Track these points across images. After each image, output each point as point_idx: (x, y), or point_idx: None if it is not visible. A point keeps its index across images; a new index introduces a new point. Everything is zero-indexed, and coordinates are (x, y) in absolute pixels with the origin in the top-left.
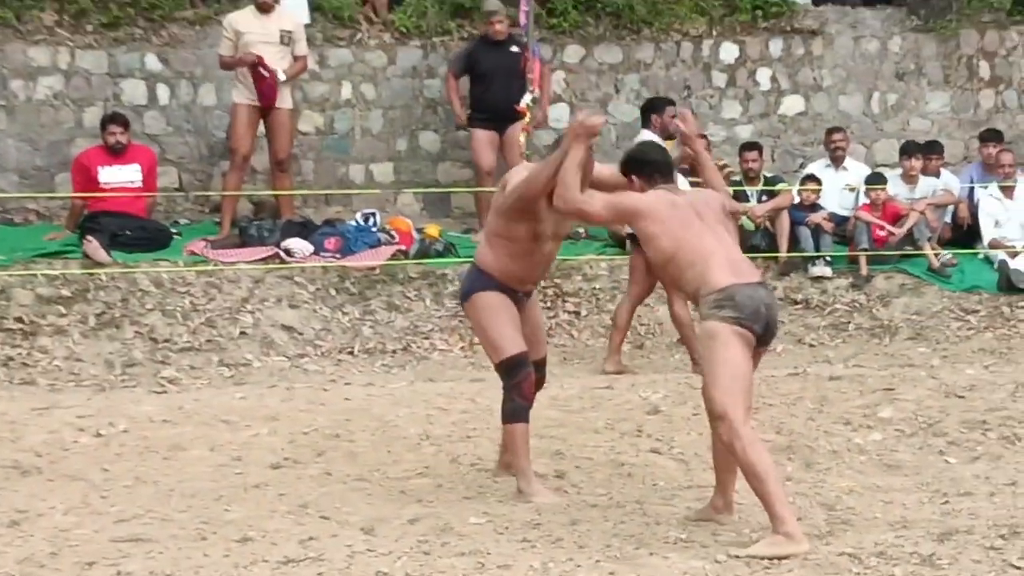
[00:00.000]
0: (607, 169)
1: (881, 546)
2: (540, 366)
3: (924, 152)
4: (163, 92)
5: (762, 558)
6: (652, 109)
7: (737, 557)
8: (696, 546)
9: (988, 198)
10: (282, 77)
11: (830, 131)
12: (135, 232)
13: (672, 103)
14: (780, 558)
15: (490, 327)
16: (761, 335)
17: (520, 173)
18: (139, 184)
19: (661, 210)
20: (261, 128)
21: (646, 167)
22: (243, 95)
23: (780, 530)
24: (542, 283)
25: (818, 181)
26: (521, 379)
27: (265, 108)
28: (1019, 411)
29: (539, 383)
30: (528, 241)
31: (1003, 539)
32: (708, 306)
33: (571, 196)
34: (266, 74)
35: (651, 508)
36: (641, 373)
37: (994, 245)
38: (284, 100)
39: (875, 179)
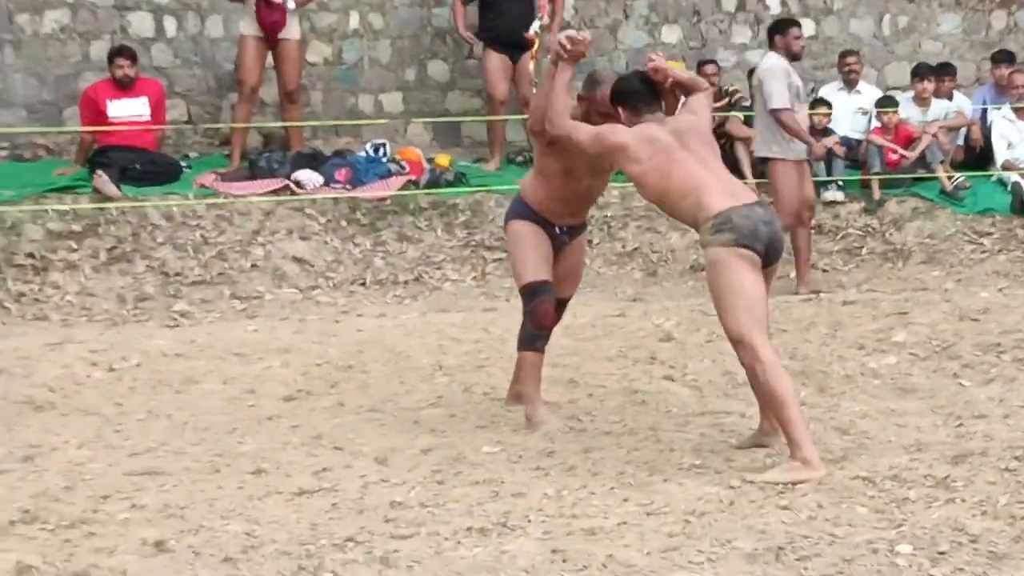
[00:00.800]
0: None
1: (895, 469)
2: (562, 302)
3: (936, 74)
4: (170, 24)
5: (778, 483)
6: (775, 30)
7: (752, 483)
8: (710, 472)
9: (1001, 120)
10: (291, 6)
11: (843, 54)
12: (145, 166)
13: (796, 24)
14: (796, 483)
15: (515, 253)
16: (765, 253)
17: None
18: (148, 117)
19: (642, 149)
20: (270, 60)
21: (631, 98)
22: (250, 27)
23: (797, 456)
24: None
25: (829, 105)
26: (535, 306)
27: (271, 40)
28: None
29: (557, 316)
30: (561, 176)
31: (1017, 460)
32: (707, 233)
33: (559, 121)
34: (277, 0)
35: (665, 435)
36: (654, 300)
37: (1007, 167)
38: (292, 31)
39: (886, 102)
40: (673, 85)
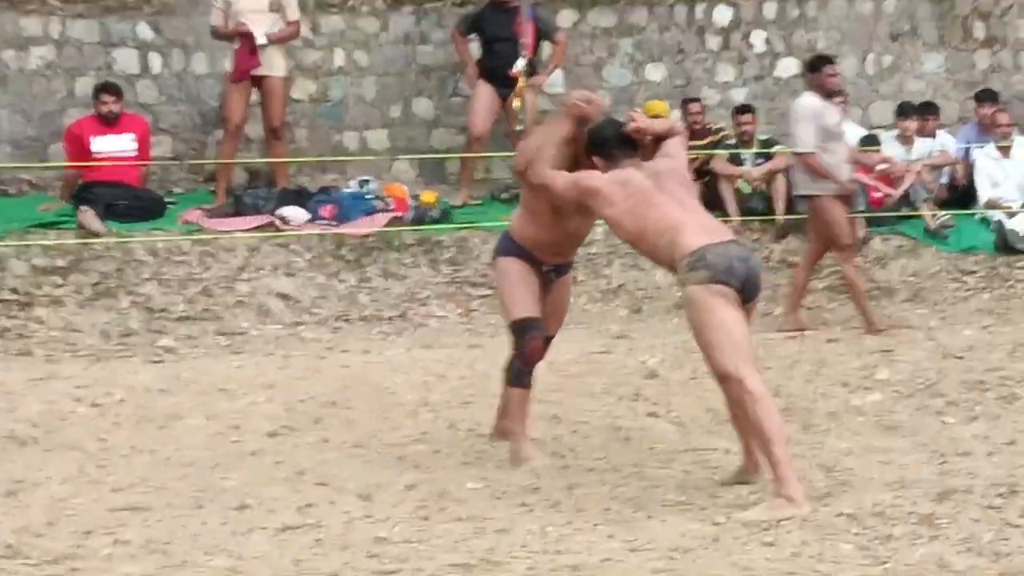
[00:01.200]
0: None
1: (880, 506)
2: (547, 340)
3: (920, 113)
4: (156, 61)
5: (762, 520)
6: (810, 68)
7: (736, 520)
8: (695, 508)
9: (985, 158)
10: (262, 40)
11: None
12: (130, 201)
13: (830, 60)
14: (780, 520)
15: (505, 290)
16: (742, 289)
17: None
18: (133, 153)
19: (616, 192)
20: (256, 96)
21: (604, 145)
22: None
23: (782, 493)
24: None
25: None
26: (526, 342)
27: (239, 78)
28: (1017, 371)
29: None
30: (549, 214)
31: (1001, 498)
32: (683, 271)
33: (540, 169)
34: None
35: (649, 471)
36: (639, 337)
37: (991, 205)
38: (275, 68)
39: (869, 141)
40: (653, 139)
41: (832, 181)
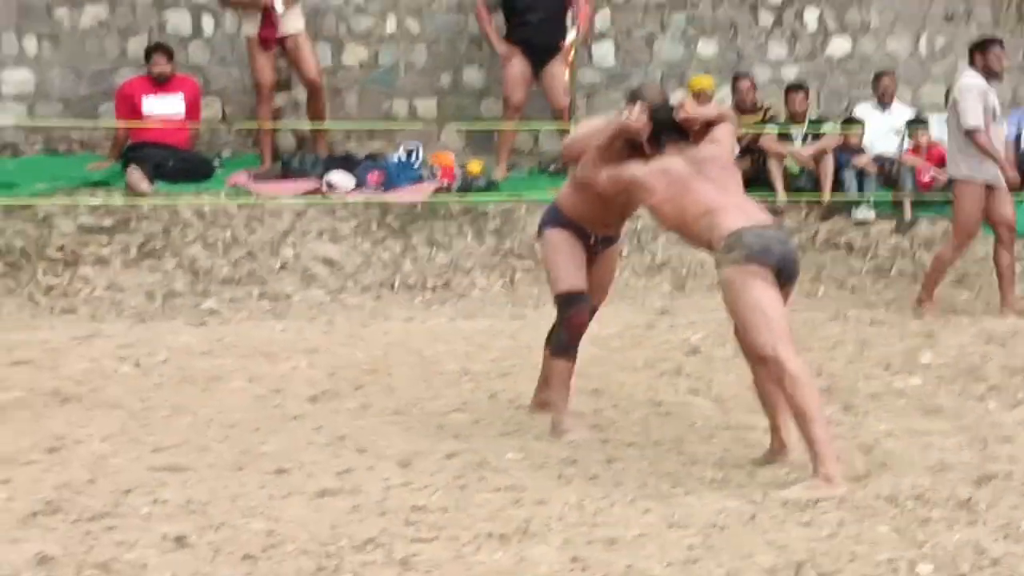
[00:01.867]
0: None
1: (918, 489)
2: (591, 311)
3: None
4: (208, 23)
5: (800, 500)
6: (977, 47)
7: (774, 498)
8: (732, 486)
9: None
10: (280, 9)
11: (878, 75)
12: (177, 163)
13: (999, 42)
14: (817, 500)
15: (551, 262)
16: (779, 271)
17: (583, 124)
18: (182, 115)
19: (657, 181)
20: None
21: (655, 130)
22: (252, 27)
23: (820, 472)
24: None
25: (861, 124)
26: (571, 315)
27: (267, 48)
28: None
29: None
30: (597, 193)
31: None
32: (720, 253)
33: (585, 169)
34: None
35: (688, 448)
36: (681, 313)
37: None
38: (293, 25)
39: (918, 123)
40: (703, 126)
41: (992, 163)
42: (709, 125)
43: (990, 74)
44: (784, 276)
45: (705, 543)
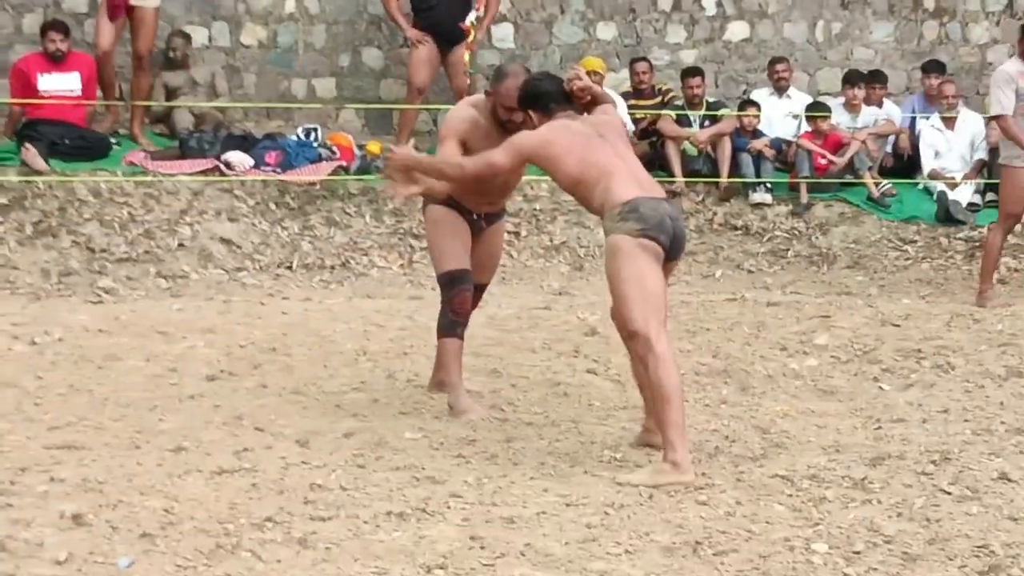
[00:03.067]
0: None
1: (814, 469)
2: (479, 289)
3: (867, 81)
4: None
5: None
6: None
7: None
8: (630, 465)
9: (929, 128)
10: None
11: (773, 61)
12: (74, 141)
13: None
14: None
15: (433, 240)
16: (669, 247)
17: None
18: (78, 92)
19: (557, 137)
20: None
21: (540, 99)
22: None
23: (669, 456)
24: None
25: (758, 107)
26: (454, 294)
27: (114, 16)
28: (953, 340)
29: (473, 303)
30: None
31: (934, 464)
32: (612, 220)
33: (470, 171)
34: None
35: (586, 427)
36: (580, 294)
37: (934, 176)
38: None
39: (817, 107)
40: (591, 100)
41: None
42: (594, 103)
43: None
44: (673, 251)
45: (603, 522)
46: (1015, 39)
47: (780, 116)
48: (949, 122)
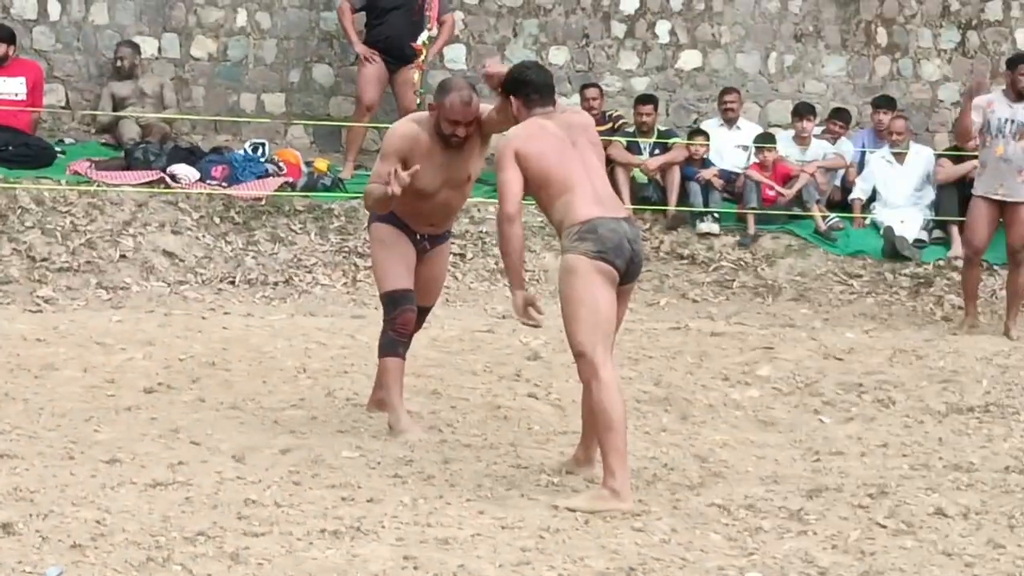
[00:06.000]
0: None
1: (751, 499)
2: (423, 311)
3: (828, 117)
4: (54, 8)
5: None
6: (1008, 65)
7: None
8: (567, 490)
9: (878, 160)
10: None
11: (723, 92)
12: (18, 148)
13: None
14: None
15: (378, 259)
16: (625, 271)
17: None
18: (23, 98)
19: (534, 132)
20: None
21: (523, 87)
22: None
23: (607, 484)
24: None
25: (707, 136)
26: (397, 315)
27: None
28: (895, 375)
29: (417, 325)
30: (412, 193)
31: (871, 498)
32: (570, 238)
33: (513, 210)
34: None
35: (525, 451)
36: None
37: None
38: None
39: (765, 139)
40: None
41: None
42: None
43: (1016, 93)
44: (627, 276)
45: (538, 545)
46: (965, 74)
47: (730, 147)
48: (899, 157)
